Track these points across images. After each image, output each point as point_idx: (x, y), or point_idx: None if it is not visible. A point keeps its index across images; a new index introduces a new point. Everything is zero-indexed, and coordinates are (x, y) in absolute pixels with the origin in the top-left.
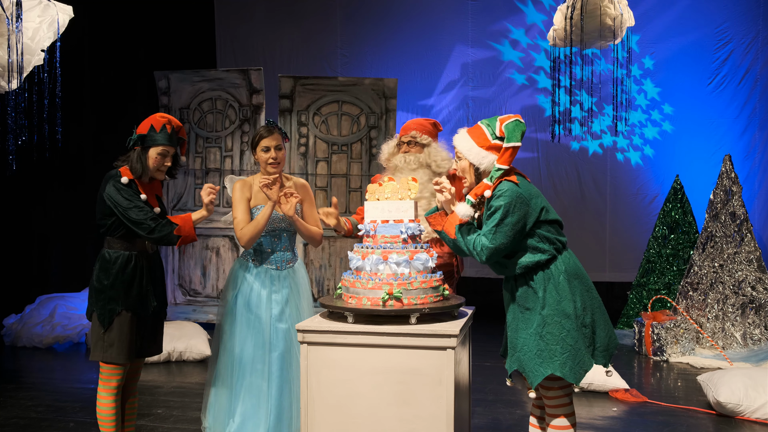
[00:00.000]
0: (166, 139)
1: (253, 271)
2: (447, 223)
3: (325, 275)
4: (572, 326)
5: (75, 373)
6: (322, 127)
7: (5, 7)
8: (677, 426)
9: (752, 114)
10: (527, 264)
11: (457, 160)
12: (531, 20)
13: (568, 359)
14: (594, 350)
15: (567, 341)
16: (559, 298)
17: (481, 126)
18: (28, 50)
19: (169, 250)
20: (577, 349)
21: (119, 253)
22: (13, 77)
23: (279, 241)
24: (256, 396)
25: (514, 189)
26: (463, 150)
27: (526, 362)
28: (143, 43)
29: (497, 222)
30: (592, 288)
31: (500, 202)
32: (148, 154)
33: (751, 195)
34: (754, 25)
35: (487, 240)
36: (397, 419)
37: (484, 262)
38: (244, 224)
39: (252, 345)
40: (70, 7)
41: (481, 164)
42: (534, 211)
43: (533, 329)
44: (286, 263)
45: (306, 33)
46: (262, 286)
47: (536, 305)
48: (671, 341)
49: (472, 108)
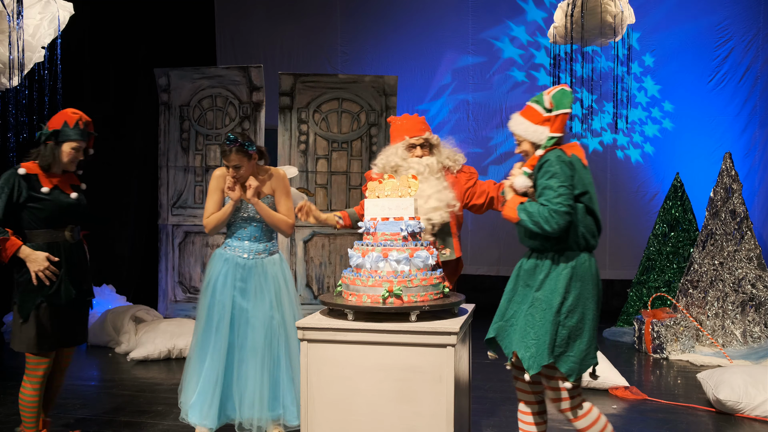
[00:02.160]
0: (79, 135)
1: (224, 256)
2: (507, 209)
3: (325, 272)
4: (549, 318)
5: (75, 370)
6: (323, 125)
7: (6, 4)
8: (677, 423)
9: (752, 112)
10: (547, 243)
11: (518, 145)
12: (531, 17)
13: (532, 346)
14: (563, 354)
15: (538, 329)
16: (554, 287)
17: (531, 104)
18: (29, 47)
19: (169, 248)
20: (542, 341)
21: (38, 245)
22: (14, 74)
23: (247, 231)
24: (213, 379)
25: (561, 154)
26: (520, 132)
27: (507, 333)
28: (144, 41)
29: (559, 184)
30: (593, 301)
31: (553, 167)
32: (61, 148)
33: (752, 193)
34: (754, 23)
35: (554, 205)
36: (397, 416)
37: (557, 229)
38: (210, 213)
39: (214, 329)
40: (70, 4)
41: (540, 140)
42: (578, 184)
43: (525, 306)
44: (255, 253)
45: (306, 30)
46: (228, 273)
47: (534, 284)
48: (671, 339)
49: (472, 105)
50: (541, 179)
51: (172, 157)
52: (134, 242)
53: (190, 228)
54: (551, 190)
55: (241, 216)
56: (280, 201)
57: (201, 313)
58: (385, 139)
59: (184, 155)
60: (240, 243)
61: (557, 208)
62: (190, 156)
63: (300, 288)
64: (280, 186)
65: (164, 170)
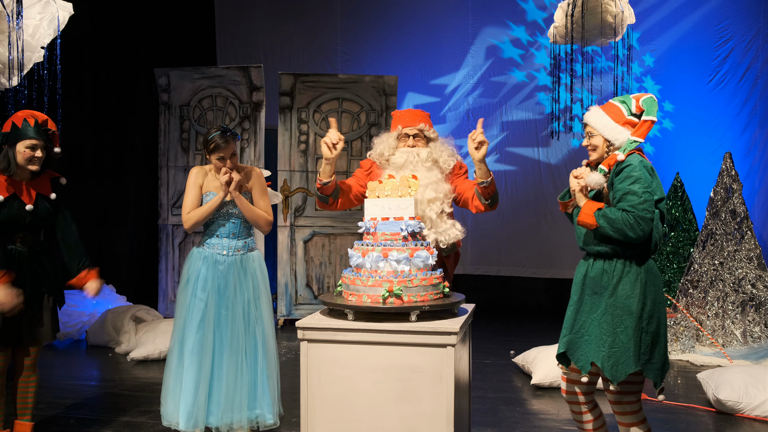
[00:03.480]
0: (30, 132)
1: (202, 254)
2: (583, 215)
3: (325, 272)
4: (631, 325)
5: (75, 370)
6: (323, 125)
7: (6, 4)
8: (677, 423)
9: (753, 111)
10: (620, 248)
11: (588, 137)
12: (531, 17)
13: (614, 354)
14: (648, 361)
15: (619, 336)
16: (630, 293)
17: (615, 103)
18: (29, 47)
19: (169, 248)
20: (626, 348)
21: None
22: (14, 74)
23: (226, 228)
24: (198, 380)
25: (643, 160)
26: (599, 126)
27: (579, 345)
28: (144, 40)
29: (643, 190)
30: (665, 305)
31: (636, 172)
32: (16, 149)
33: (752, 193)
34: (755, 23)
35: (640, 212)
36: (397, 416)
37: (642, 236)
38: (190, 209)
39: (194, 329)
40: (70, 4)
41: (617, 139)
42: (656, 190)
43: (598, 314)
44: (234, 250)
45: (306, 30)
46: (207, 269)
47: (604, 291)
48: (671, 339)
49: (472, 104)
50: (623, 183)
51: (172, 157)
52: (134, 242)
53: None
54: (635, 196)
55: (221, 213)
56: (258, 198)
57: (179, 314)
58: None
59: (184, 155)
60: (219, 240)
61: (643, 214)
62: (190, 156)
63: (300, 288)
64: (257, 183)
65: (164, 170)
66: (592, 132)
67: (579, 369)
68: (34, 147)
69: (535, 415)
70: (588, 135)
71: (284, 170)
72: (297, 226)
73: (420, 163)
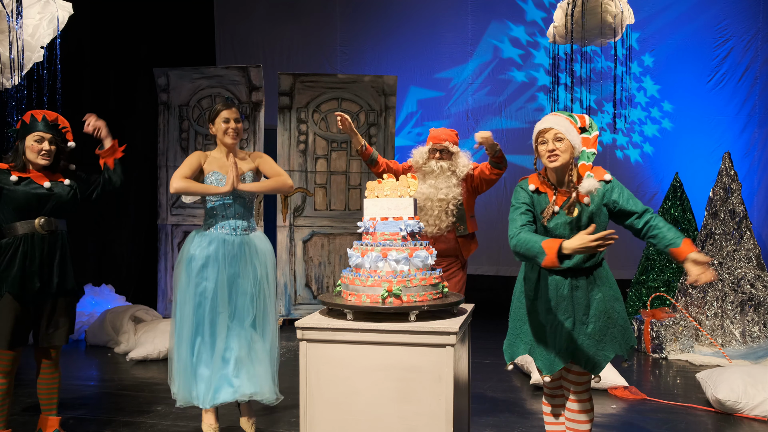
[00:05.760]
0: (38, 126)
1: (205, 235)
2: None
3: (324, 272)
4: (621, 308)
5: (74, 370)
6: (322, 125)
7: (5, 4)
8: (676, 423)
9: (752, 111)
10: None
11: (555, 141)
12: (531, 17)
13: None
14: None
15: (622, 316)
16: (612, 280)
17: (563, 114)
18: (28, 47)
19: (168, 247)
20: (627, 325)
21: (8, 239)
22: (14, 74)
23: (231, 209)
24: (209, 355)
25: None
26: (564, 130)
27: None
28: (144, 41)
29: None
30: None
31: (624, 188)
32: (25, 143)
33: (751, 192)
34: (754, 23)
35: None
36: (396, 416)
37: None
38: (183, 176)
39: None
40: (69, 4)
41: (578, 146)
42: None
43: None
44: (241, 230)
45: (305, 30)
46: (215, 249)
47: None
48: (670, 339)
49: (471, 105)
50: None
51: (172, 157)
52: (133, 242)
53: (190, 228)
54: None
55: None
56: (269, 169)
57: (185, 294)
58: (385, 138)
59: (184, 155)
60: (225, 222)
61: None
62: None
63: (299, 288)
64: (262, 158)
65: (163, 170)
66: (560, 136)
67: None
68: (41, 140)
69: (534, 415)
70: (556, 138)
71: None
72: (296, 226)
73: (441, 173)
